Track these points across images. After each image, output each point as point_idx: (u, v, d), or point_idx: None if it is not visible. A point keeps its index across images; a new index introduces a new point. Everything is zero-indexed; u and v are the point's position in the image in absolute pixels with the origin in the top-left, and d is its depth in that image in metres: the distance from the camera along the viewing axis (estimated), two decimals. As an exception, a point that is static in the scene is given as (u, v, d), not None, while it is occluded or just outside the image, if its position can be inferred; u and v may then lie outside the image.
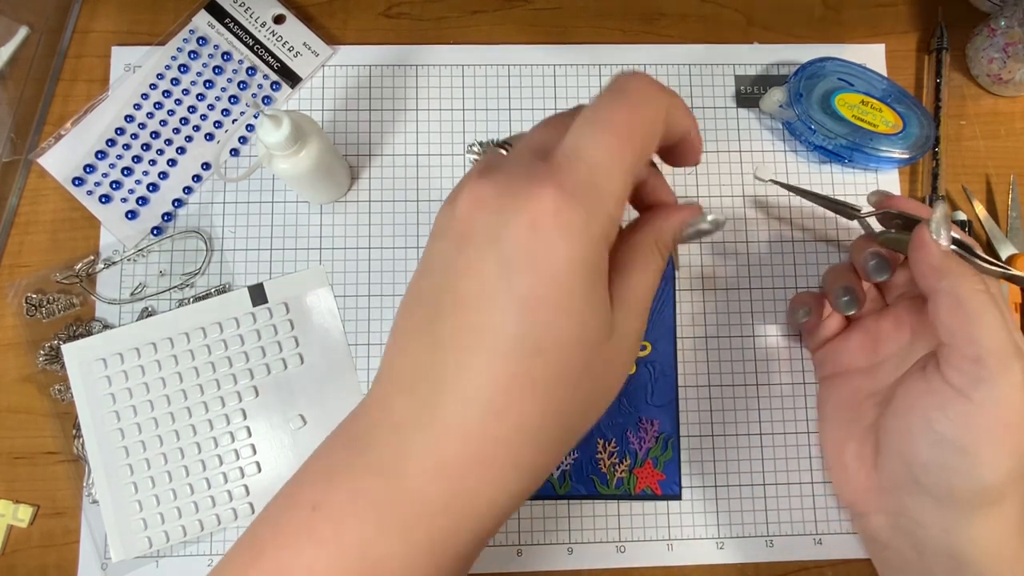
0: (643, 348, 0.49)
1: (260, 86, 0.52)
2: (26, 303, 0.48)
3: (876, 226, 0.42)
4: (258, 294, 0.49)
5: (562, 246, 0.24)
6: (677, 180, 0.51)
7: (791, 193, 0.48)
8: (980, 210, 0.52)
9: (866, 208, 0.43)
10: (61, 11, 0.53)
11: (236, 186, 0.51)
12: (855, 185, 0.52)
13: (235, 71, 0.52)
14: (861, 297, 0.42)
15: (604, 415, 0.48)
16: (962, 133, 0.54)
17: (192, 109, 0.51)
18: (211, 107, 0.51)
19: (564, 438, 0.27)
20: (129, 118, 0.51)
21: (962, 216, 0.50)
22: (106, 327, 0.48)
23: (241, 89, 0.52)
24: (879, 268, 0.40)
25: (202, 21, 0.52)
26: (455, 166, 0.51)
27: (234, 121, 0.51)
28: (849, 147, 0.50)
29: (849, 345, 0.44)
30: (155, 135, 0.51)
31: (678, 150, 0.30)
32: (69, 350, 0.47)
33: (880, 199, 0.41)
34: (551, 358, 0.25)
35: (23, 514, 0.46)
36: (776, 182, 0.45)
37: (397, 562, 0.25)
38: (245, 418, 0.47)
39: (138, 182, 0.50)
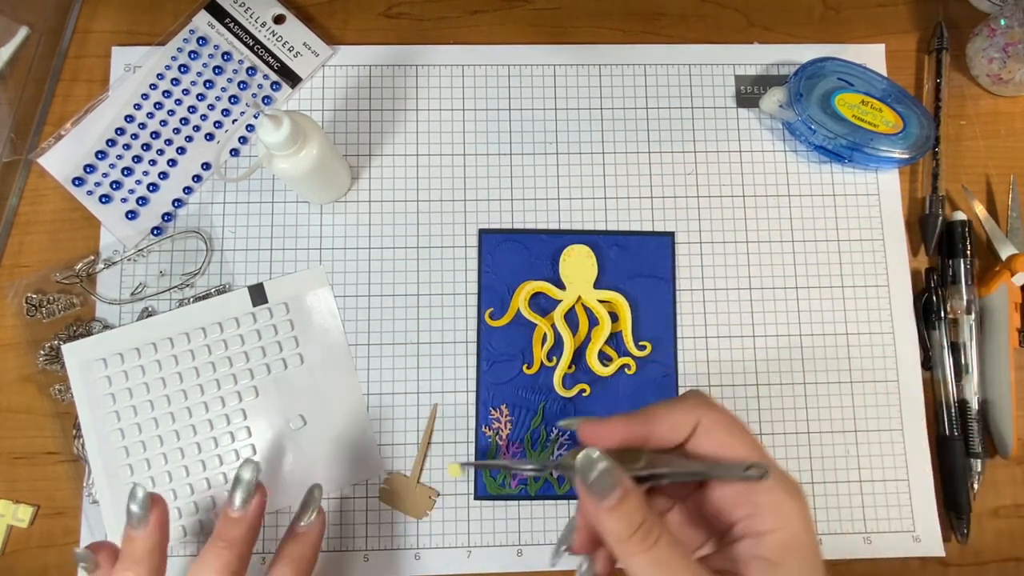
0: (643, 348, 0.49)
1: (260, 86, 0.52)
2: (26, 303, 0.48)
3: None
4: (258, 294, 0.49)
5: None
6: (677, 180, 0.51)
7: (485, 467, 0.46)
8: (980, 210, 0.52)
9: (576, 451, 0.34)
10: (61, 11, 0.53)
11: (236, 186, 0.51)
12: (855, 185, 0.52)
13: (235, 71, 0.52)
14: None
15: (604, 416, 0.48)
16: (962, 133, 0.54)
17: (192, 109, 0.51)
18: (211, 107, 0.51)
19: None
20: (129, 118, 0.51)
21: (962, 216, 0.50)
22: (106, 327, 0.48)
23: (241, 89, 0.52)
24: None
25: (202, 21, 0.52)
26: (455, 166, 0.51)
27: (234, 121, 0.51)
28: (849, 147, 0.50)
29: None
30: (155, 135, 0.51)
31: None
32: (69, 350, 0.47)
33: (572, 426, 0.34)
34: None
35: (23, 514, 0.46)
36: (467, 464, 0.42)
37: None
38: (245, 418, 0.47)
39: (138, 182, 0.50)
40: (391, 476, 0.47)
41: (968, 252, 0.50)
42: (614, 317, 0.49)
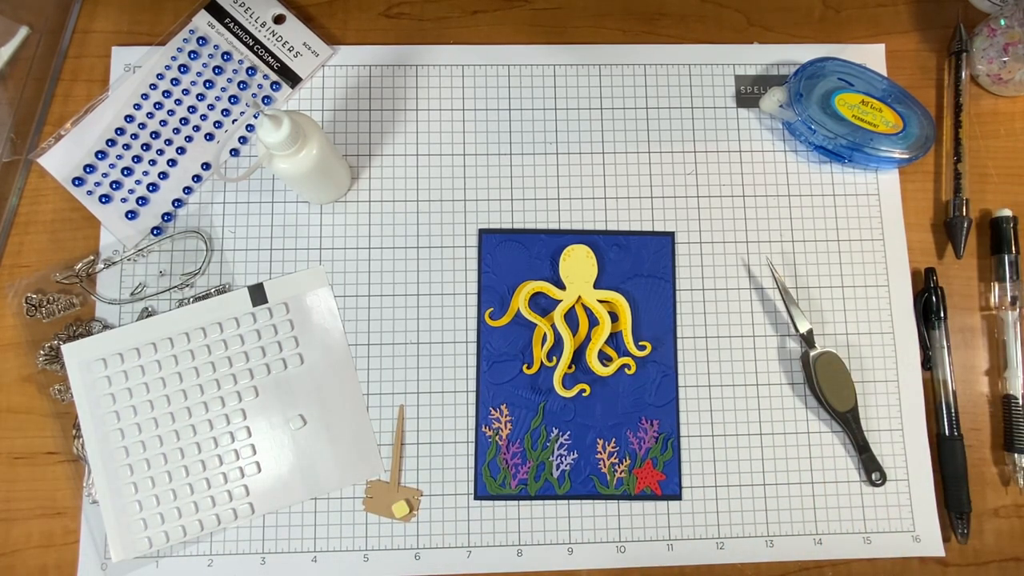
0: (643, 348, 0.49)
1: (260, 86, 0.52)
2: (26, 303, 0.48)
3: None
4: (258, 294, 0.49)
5: None
6: (677, 180, 0.51)
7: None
8: None
9: None
10: (61, 11, 0.53)
11: (236, 186, 0.51)
12: (855, 185, 0.52)
13: (235, 71, 0.52)
14: None
15: (604, 415, 0.48)
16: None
17: (192, 109, 0.51)
18: (211, 107, 0.51)
19: None
20: (129, 118, 0.51)
21: (1007, 212, 0.50)
22: (106, 327, 0.48)
23: (241, 89, 0.52)
24: None
25: (202, 21, 0.52)
26: (455, 166, 0.51)
27: (234, 121, 0.51)
28: (849, 147, 0.50)
29: None
30: (155, 135, 0.51)
31: None
32: (69, 350, 0.47)
33: None
34: None
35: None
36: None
37: None
38: (245, 418, 0.47)
39: (138, 182, 0.50)
40: (372, 484, 0.47)
41: (1013, 248, 0.50)
42: (614, 317, 0.49)
